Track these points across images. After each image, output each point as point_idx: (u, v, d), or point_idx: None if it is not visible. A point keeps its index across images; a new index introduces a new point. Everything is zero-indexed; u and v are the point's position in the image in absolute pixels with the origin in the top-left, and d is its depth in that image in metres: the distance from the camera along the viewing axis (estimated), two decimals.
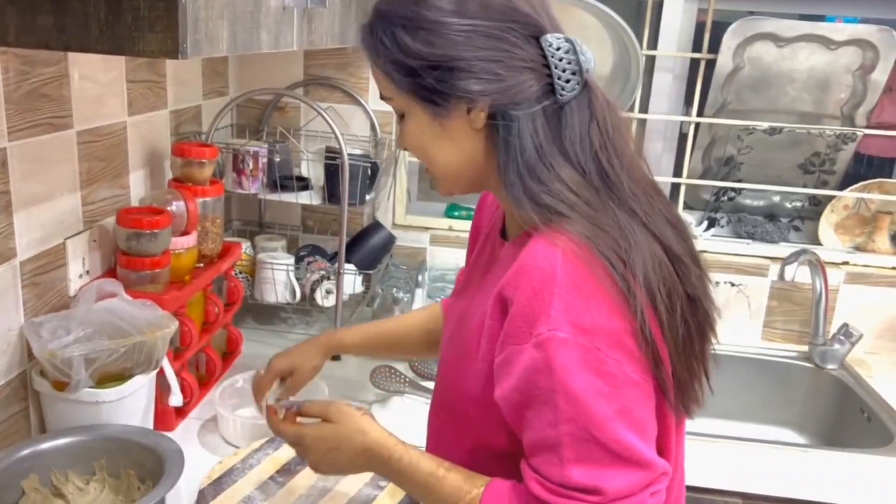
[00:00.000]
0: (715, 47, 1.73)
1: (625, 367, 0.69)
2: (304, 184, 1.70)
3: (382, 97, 0.83)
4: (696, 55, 1.77)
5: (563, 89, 0.77)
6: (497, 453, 0.80)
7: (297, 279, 1.65)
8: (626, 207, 0.76)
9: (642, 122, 1.85)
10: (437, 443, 0.93)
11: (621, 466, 0.69)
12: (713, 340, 0.80)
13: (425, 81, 0.76)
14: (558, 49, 0.77)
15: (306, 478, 1.13)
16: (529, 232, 0.76)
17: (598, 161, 0.76)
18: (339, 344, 1.20)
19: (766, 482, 1.27)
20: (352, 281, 1.67)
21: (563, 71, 0.76)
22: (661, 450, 0.77)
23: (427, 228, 1.88)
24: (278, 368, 1.16)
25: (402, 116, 0.83)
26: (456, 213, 1.93)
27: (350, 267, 1.65)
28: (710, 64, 1.75)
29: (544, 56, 0.77)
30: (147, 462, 1.04)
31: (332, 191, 1.62)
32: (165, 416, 1.25)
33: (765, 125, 1.78)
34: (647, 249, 0.73)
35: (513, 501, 0.73)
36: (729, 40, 1.70)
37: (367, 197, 1.68)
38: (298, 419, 0.92)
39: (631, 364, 0.70)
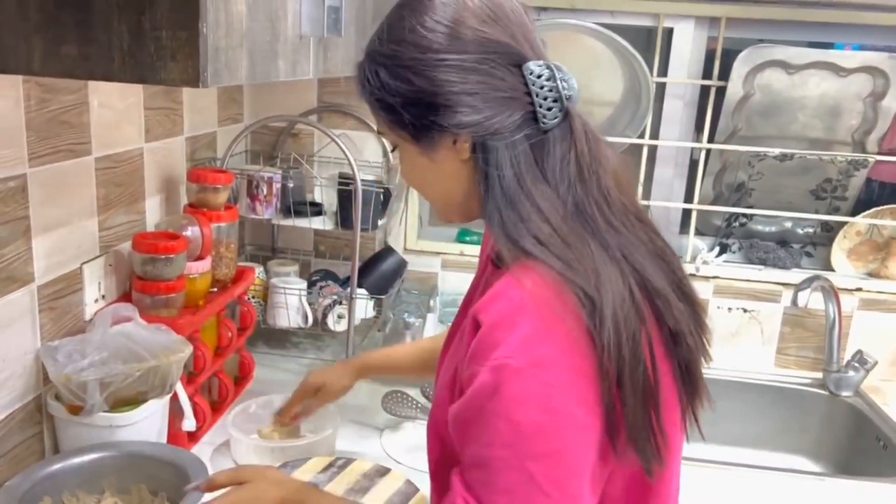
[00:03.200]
0: (725, 74, 1.74)
1: (572, 408, 0.69)
2: (317, 209, 1.71)
3: (379, 131, 0.87)
4: (707, 82, 1.78)
5: (544, 117, 0.77)
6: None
7: (310, 304, 1.66)
8: (600, 239, 0.75)
9: (653, 149, 1.86)
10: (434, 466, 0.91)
11: (542, 500, 0.68)
12: (700, 374, 0.79)
13: (406, 118, 0.79)
14: (539, 77, 0.77)
15: None
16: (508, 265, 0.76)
17: (575, 191, 0.76)
18: (374, 365, 1.28)
19: None
20: (364, 306, 1.67)
21: (545, 99, 0.76)
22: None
23: (438, 253, 1.89)
24: (310, 383, 1.26)
25: (395, 149, 0.86)
26: (467, 238, 1.94)
27: (362, 292, 1.65)
28: (721, 91, 1.76)
29: (526, 84, 0.77)
30: (162, 474, 1.06)
31: (344, 216, 1.63)
32: (178, 441, 1.25)
33: (776, 151, 1.79)
34: (616, 286, 0.72)
35: None
36: (739, 67, 1.72)
37: (380, 222, 1.69)
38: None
39: (580, 406, 0.69)
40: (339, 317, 1.65)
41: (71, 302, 1.19)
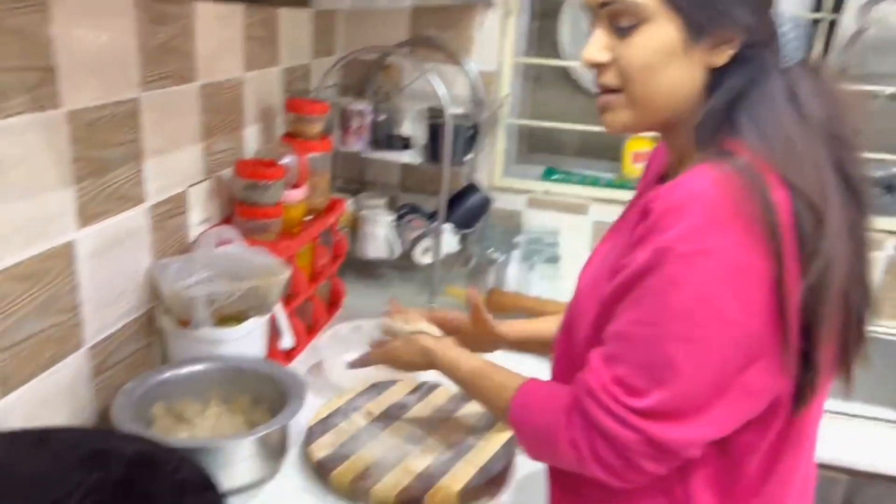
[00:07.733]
0: (838, 6, 1.63)
1: (726, 302, 0.67)
2: (405, 143, 1.73)
3: (607, 2, 0.75)
4: (818, 15, 1.68)
5: (796, 49, 0.75)
6: None
7: (397, 236, 1.69)
8: (839, 162, 0.72)
9: None
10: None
11: (670, 385, 0.68)
12: (866, 325, 0.75)
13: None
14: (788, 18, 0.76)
15: (408, 421, 1.17)
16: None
17: (820, 116, 0.73)
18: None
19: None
20: (449, 240, 1.69)
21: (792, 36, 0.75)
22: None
23: (524, 191, 1.88)
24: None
25: (628, 29, 0.75)
26: (554, 177, 1.92)
27: (448, 226, 1.67)
28: (832, 25, 1.66)
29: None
30: (263, 387, 1.12)
31: (433, 150, 1.64)
32: (276, 358, 1.31)
33: (890, 90, 1.68)
34: (841, 207, 0.69)
35: (544, 400, 0.79)
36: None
37: (466, 158, 1.70)
38: None
39: (736, 302, 0.67)
40: (425, 250, 1.67)
41: (177, 224, 1.25)
